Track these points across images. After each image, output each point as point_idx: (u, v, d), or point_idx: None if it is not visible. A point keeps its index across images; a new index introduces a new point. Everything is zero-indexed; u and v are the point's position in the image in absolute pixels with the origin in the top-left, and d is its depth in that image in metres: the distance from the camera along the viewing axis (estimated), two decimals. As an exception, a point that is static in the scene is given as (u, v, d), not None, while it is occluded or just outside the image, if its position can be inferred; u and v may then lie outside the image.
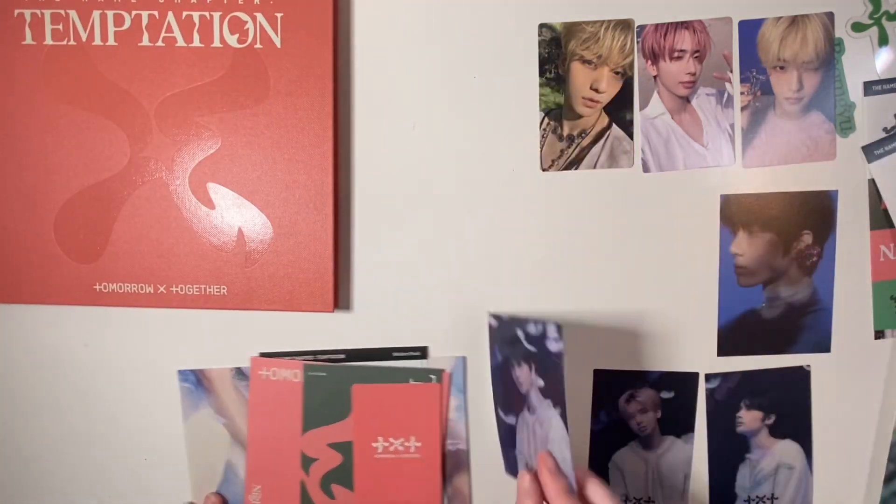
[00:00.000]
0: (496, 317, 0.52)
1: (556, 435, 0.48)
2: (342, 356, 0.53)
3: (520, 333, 0.49)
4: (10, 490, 0.56)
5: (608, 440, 0.55)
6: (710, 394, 0.54)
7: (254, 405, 0.54)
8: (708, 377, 0.54)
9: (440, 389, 0.53)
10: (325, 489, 0.54)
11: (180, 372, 0.54)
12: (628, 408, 0.54)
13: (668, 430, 0.55)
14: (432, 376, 0.53)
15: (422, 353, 0.53)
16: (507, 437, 0.53)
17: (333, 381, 0.53)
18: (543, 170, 0.52)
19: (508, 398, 0.52)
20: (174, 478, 0.55)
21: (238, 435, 0.54)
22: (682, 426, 0.55)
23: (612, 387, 0.54)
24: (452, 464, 0.54)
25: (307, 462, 0.54)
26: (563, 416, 0.47)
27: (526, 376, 0.50)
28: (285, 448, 0.54)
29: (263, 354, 0.53)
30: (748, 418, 0.55)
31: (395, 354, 0.53)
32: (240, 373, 0.54)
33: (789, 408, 0.54)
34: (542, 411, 0.49)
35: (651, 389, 0.54)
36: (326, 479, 0.54)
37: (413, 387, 0.53)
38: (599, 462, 0.55)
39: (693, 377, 0.54)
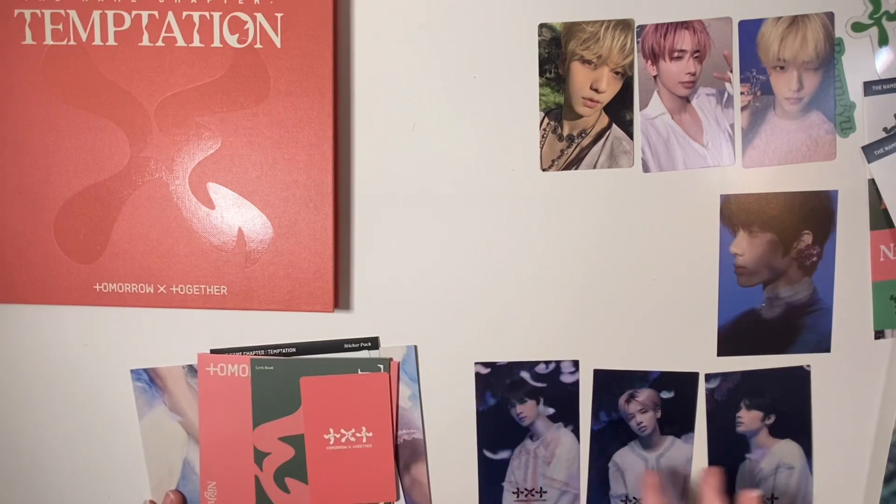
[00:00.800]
0: (487, 364, 0.53)
1: (563, 450, 0.54)
2: (293, 350, 0.53)
3: (525, 375, 0.54)
4: (9, 489, 0.56)
5: (608, 440, 0.55)
6: (710, 394, 0.54)
7: (204, 402, 0.54)
8: (708, 377, 0.54)
9: (389, 379, 0.53)
10: (279, 483, 0.54)
11: (133, 371, 0.54)
12: (628, 408, 0.54)
13: (669, 430, 0.55)
14: (380, 366, 0.53)
15: (373, 343, 0.53)
16: (491, 474, 0.55)
17: (281, 374, 0.53)
18: (543, 170, 0.52)
19: (499, 436, 0.55)
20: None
21: (194, 432, 0.54)
22: (683, 426, 0.55)
23: (611, 387, 0.54)
24: (409, 453, 0.54)
25: (260, 456, 0.54)
26: (576, 432, 0.54)
27: (531, 410, 0.54)
28: (237, 443, 0.54)
29: (213, 351, 0.54)
30: (748, 418, 0.55)
31: (347, 346, 0.53)
32: (192, 370, 0.54)
33: (789, 408, 0.54)
34: (549, 434, 0.54)
35: (651, 389, 0.54)
36: (280, 473, 0.54)
37: (361, 377, 0.53)
38: (599, 462, 0.55)
39: (693, 377, 0.54)
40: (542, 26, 0.51)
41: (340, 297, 0.53)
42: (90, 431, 0.55)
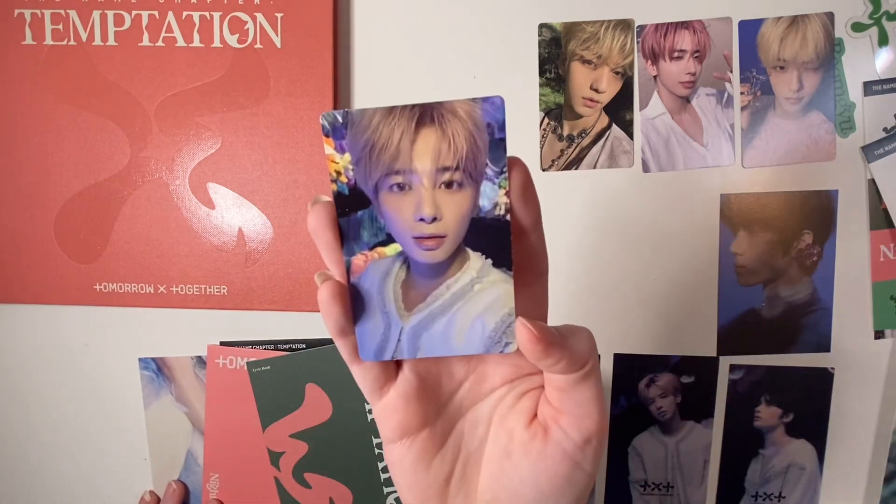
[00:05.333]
0: None
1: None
2: (303, 345, 0.54)
3: None
4: (10, 488, 0.56)
5: (628, 425, 0.55)
6: (733, 385, 0.54)
7: (211, 394, 0.54)
8: (732, 368, 0.54)
9: None
10: (299, 479, 0.54)
11: (141, 360, 0.54)
12: (648, 392, 0.54)
13: (688, 415, 0.55)
14: None
15: None
16: None
17: (279, 372, 0.53)
18: (543, 170, 0.52)
19: None
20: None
21: (199, 423, 0.55)
22: (702, 411, 0.55)
23: (632, 371, 0.54)
24: None
25: (275, 457, 0.54)
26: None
27: None
28: (246, 441, 0.54)
29: (223, 343, 0.54)
30: (766, 414, 0.55)
31: None
32: (200, 361, 0.54)
33: (808, 408, 0.54)
34: None
35: (671, 374, 0.54)
36: (298, 470, 0.54)
37: None
38: (619, 447, 0.55)
39: (713, 362, 0.54)
40: (542, 26, 0.51)
41: (340, 297, 0.53)
42: (90, 432, 0.55)
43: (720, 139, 0.52)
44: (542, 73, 0.52)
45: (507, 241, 0.26)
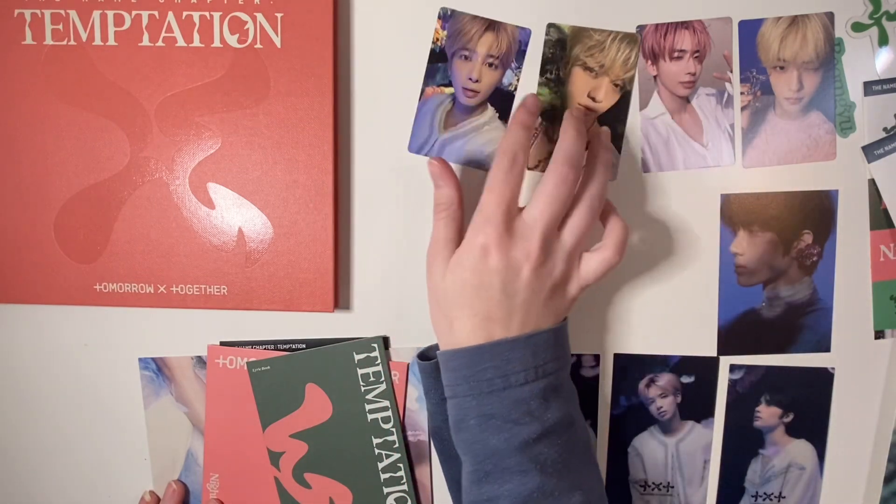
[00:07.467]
0: None
1: None
2: (303, 345, 0.53)
3: None
4: (10, 489, 0.56)
5: (628, 425, 0.55)
6: (733, 385, 0.54)
7: (211, 394, 0.54)
8: (732, 368, 0.54)
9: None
10: (299, 480, 0.54)
11: (141, 360, 0.54)
12: (648, 392, 0.54)
13: (688, 415, 0.55)
14: (374, 345, 0.53)
15: (385, 343, 0.53)
16: None
17: (279, 372, 0.53)
18: (529, 168, 0.52)
19: None
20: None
21: (199, 423, 0.55)
22: (702, 411, 0.55)
23: (631, 371, 0.54)
24: (413, 455, 0.54)
25: (275, 457, 0.54)
26: (595, 426, 0.55)
27: None
28: (244, 439, 0.54)
29: (223, 343, 0.54)
30: (766, 414, 0.55)
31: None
32: (200, 361, 0.54)
33: (808, 408, 0.54)
34: None
35: (671, 374, 0.54)
36: (298, 470, 0.54)
37: None
38: (619, 447, 0.55)
39: (713, 361, 0.54)
40: (550, 26, 0.51)
41: (340, 297, 0.53)
42: (90, 432, 0.55)
43: (720, 139, 0.52)
44: (542, 72, 0.52)
45: (510, 105, 0.48)
